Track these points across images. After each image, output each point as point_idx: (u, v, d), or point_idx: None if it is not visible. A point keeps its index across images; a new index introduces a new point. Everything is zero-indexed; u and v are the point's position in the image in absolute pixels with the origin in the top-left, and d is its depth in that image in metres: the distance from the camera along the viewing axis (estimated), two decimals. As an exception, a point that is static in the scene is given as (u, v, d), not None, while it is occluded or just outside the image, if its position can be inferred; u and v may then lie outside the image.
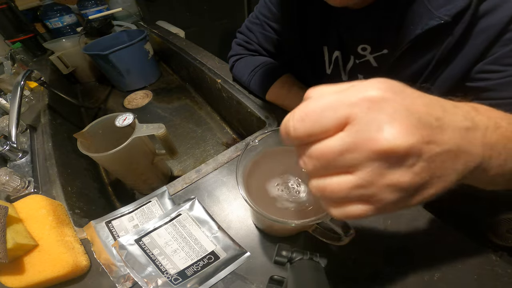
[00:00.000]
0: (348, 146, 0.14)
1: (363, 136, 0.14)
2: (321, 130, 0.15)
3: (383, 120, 0.13)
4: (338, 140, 0.14)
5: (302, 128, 0.15)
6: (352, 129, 0.14)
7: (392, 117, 0.14)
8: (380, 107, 0.14)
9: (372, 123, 0.14)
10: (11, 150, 0.48)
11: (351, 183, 0.15)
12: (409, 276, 0.30)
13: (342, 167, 0.15)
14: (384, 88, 0.14)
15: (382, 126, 0.13)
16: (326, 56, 0.48)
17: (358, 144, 0.14)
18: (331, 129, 0.15)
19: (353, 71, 0.46)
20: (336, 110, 0.14)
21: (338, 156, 0.14)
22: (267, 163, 0.31)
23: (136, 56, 0.87)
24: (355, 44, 0.42)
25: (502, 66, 0.32)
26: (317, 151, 0.15)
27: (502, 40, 0.31)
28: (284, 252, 0.23)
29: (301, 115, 0.15)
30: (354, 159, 0.14)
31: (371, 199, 0.15)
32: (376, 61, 0.41)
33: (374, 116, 0.14)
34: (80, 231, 0.38)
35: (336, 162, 0.15)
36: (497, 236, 0.64)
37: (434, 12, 0.32)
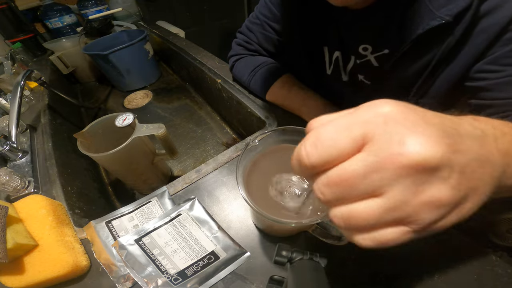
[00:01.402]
0: (370, 166, 0.13)
1: (387, 152, 0.12)
2: (338, 154, 0.13)
3: (404, 133, 0.12)
4: (359, 161, 0.13)
5: (316, 154, 0.14)
6: (372, 147, 0.13)
7: (413, 128, 0.13)
8: (396, 121, 0.13)
9: (393, 137, 0.12)
10: (11, 150, 0.48)
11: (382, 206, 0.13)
12: (409, 276, 0.30)
13: (367, 191, 0.13)
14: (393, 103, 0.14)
15: (405, 139, 0.12)
16: (326, 57, 0.48)
17: (383, 162, 0.12)
18: (348, 152, 0.13)
19: (354, 71, 0.46)
20: (350, 130, 0.13)
21: (362, 179, 0.13)
22: (267, 163, 0.31)
23: (136, 56, 0.87)
24: (356, 44, 0.42)
25: (501, 66, 0.32)
26: (336, 176, 0.14)
27: (502, 40, 0.31)
28: (284, 252, 0.23)
29: (314, 141, 0.14)
30: (380, 180, 0.13)
31: (407, 220, 0.13)
32: (377, 61, 0.41)
33: (393, 130, 0.13)
34: (80, 231, 0.38)
35: (360, 186, 0.13)
36: (497, 236, 0.64)
37: (435, 12, 0.32)
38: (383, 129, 0.13)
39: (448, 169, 0.12)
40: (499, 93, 0.33)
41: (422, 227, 0.13)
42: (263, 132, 0.31)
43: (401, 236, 0.14)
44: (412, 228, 0.13)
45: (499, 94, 0.33)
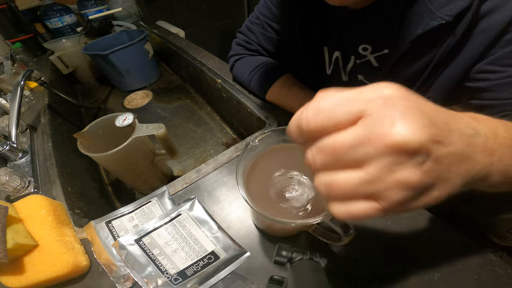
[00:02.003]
0: (360, 139, 0.14)
1: (376, 130, 0.14)
2: (334, 123, 0.15)
3: (396, 116, 0.13)
4: (351, 133, 0.14)
5: (314, 121, 0.15)
6: (365, 122, 0.14)
7: (406, 113, 0.14)
8: (394, 104, 0.14)
9: (386, 118, 0.14)
10: (11, 150, 0.48)
11: (360, 178, 0.14)
12: (409, 276, 0.30)
13: (351, 161, 0.14)
14: (398, 88, 0.15)
15: (395, 121, 0.13)
16: (326, 57, 0.48)
17: (371, 138, 0.14)
18: (344, 123, 0.15)
19: (353, 71, 0.46)
20: (350, 104, 0.15)
21: (349, 150, 0.14)
22: (267, 163, 0.31)
23: (136, 56, 0.87)
24: (356, 44, 0.42)
25: (502, 66, 0.32)
26: (328, 144, 0.15)
27: (503, 41, 0.31)
28: (284, 252, 0.23)
29: (315, 108, 0.15)
30: (365, 153, 0.14)
31: (377, 196, 0.14)
32: (377, 61, 0.41)
33: (388, 112, 0.14)
34: (80, 231, 0.38)
35: (346, 156, 0.14)
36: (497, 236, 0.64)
37: (435, 12, 0.32)
38: (380, 109, 0.14)
39: (424, 155, 0.13)
40: (500, 93, 0.33)
41: (390, 205, 0.14)
42: (263, 132, 0.31)
43: (371, 211, 0.15)
44: (381, 205, 0.15)
45: (500, 94, 0.33)
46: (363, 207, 0.15)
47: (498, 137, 0.18)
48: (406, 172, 0.14)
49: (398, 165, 0.14)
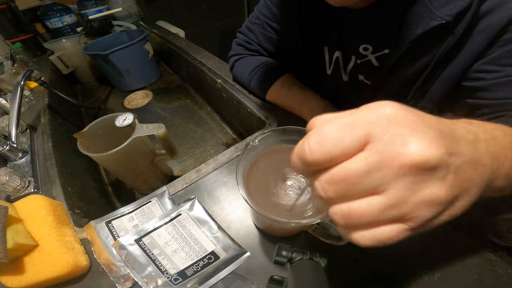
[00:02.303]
0: (373, 165, 0.13)
1: (389, 152, 0.13)
2: (341, 152, 0.14)
3: (406, 134, 0.13)
4: (362, 160, 0.14)
5: (319, 151, 0.14)
6: (375, 147, 0.13)
7: (415, 130, 0.13)
8: (399, 123, 0.13)
9: (396, 138, 0.13)
10: (11, 150, 0.48)
11: (382, 204, 0.13)
12: (409, 276, 0.30)
13: (368, 189, 0.14)
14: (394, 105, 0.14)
15: (407, 140, 0.13)
16: (326, 57, 0.48)
17: (385, 161, 0.13)
18: (351, 151, 0.14)
19: (354, 71, 0.46)
20: (354, 129, 0.14)
21: (363, 177, 0.13)
22: (267, 163, 0.31)
23: (136, 56, 0.87)
24: (356, 44, 0.42)
25: (499, 66, 0.32)
26: (338, 174, 0.14)
27: (501, 40, 0.31)
28: (284, 252, 0.23)
29: (317, 138, 0.14)
30: (381, 178, 0.13)
31: (405, 218, 0.14)
32: (378, 61, 0.41)
33: (396, 131, 0.13)
34: (80, 231, 0.38)
35: (361, 184, 0.14)
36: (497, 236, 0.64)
37: (435, 12, 0.32)
38: (386, 130, 0.13)
39: (445, 169, 0.13)
40: (497, 93, 0.33)
41: (419, 224, 0.14)
42: (263, 132, 0.31)
43: (399, 233, 0.14)
44: (409, 226, 0.14)
45: (496, 94, 0.33)
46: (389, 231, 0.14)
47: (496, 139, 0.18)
48: (431, 189, 0.13)
49: (421, 183, 0.13)
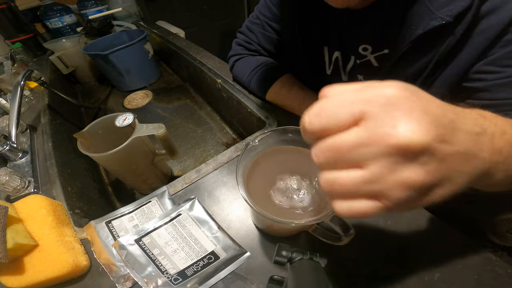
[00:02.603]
0: (362, 140, 0.14)
1: (379, 131, 0.14)
2: (336, 124, 0.15)
3: (399, 117, 0.14)
4: (353, 133, 0.14)
5: (317, 122, 0.16)
6: (367, 123, 0.14)
7: (409, 114, 0.14)
8: (396, 104, 0.14)
9: (389, 119, 0.14)
10: (11, 150, 0.48)
11: (362, 177, 0.14)
12: (409, 276, 0.30)
13: (354, 161, 0.15)
14: (400, 87, 0.15)
15: (398, 122, 0.13)
16: (326, 57, 0.48)
17: (373, 139, 0.14)
18: (346, 124, 0.15)
19: (353, 72, 0.46)
20: (351, 105, 0.15)
21: (352, 150, 0.14)
22: (267, 163, 0.31)
23: (136, 56, 0.87)
24: (356, 45, 0.42)
25: (500, 67, 0.32)
26: (330, 144, 0.15)
27: (502, 41, 0.31)
28: (284, 252, 0.23)
29: (317, 110, 0.16)
30: (367, 153, 0.14)
31: (380, 195, 0.15)
32: (377, 61, 0.41)
33: (390, 112, 0.14)
34: (80, 231, 0.38)
35: (349, 156, 0.15)
36: (497, 236, 0.64)
37: (436, 13, 0.32)
38: (382, 110, 0.14)
39: (428, 155, 0.14)
40: (497, 94, 0.33)
41: (393, 203, 0.15)
42: (263, 132, 0.31)
43: (373, 209, 0.15)
44: (383, 204, 0.15)
45: (497, 95, 0.33)
46: (365, 205, 0.15)
47: (505, 134, 0.18)
48: (409, 172, 0.14)
49: (401, 165, 0.14)
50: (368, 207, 0.15)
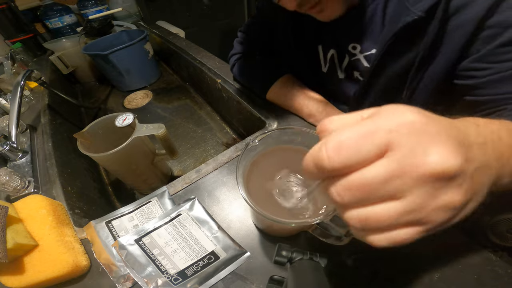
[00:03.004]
0: (393, 173, 0.13)
1: (410, 161, 0.13)
2: (361, 159, 0.14)
3: (427, 143, 0.13)
4: (382, 167, 0.14)
5: (338, 158, 0.14)
6: (395, 155, 0.14)
7: (435, 139, 0.13)
8: (419, 131, 0.14)
9: (417, 146, 0.13)
10: (11, 150, 0.48)
11: (401, 209, 0.14)
12: (409, 276, 0.30)
13: (386, 195, 0.14)
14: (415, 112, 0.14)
15: (428, 150, 0.13)
16: (321, 55, 0.50)
17: (405, 170, 0.13)
18: (371, 158, 0.14)
19: (349, 69, 0.47)
20: (374, 137, 0.14)
21: (382, 184, 0.14)
22: (267, 163, 0.31)
23: (136, 56, 0.87)
24: (346, 43, 0.44)
25: (487, 63, 0.33)
26: (357, 181, 0.14)
27: (482, 38, 0.32)
28: (284, 252, 0.23)
29: (336, 145, 0.14)
30: (401, 185, 0.14)
31: (421, 221, 0.14)
32: (366, 60, 0.43)
33: (417, 140, 0.13)
34: (80, 231, 0.38)
35: (380, 191, 0.14)
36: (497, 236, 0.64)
37: (411, 9, 0.33)
38: (407, 139, 0.14)
39: (462, 177, 0.14)
40: (491, 90, 0.34)
41: (434, 226, 0.15)
42: (263, 132, 0.31)
43: (415, 235, 0.15)
44: (424, 228, 0.15)
45: (491, 91, 0.34)
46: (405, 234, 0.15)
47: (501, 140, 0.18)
48: (449, 195, 0.14)
49: (439, 190, 0.14)
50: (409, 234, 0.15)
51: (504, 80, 0.32)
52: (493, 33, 0.31)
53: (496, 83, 0.33)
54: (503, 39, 0.31)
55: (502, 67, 0.32)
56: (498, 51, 0.32)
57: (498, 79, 0.33)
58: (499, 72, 0.32)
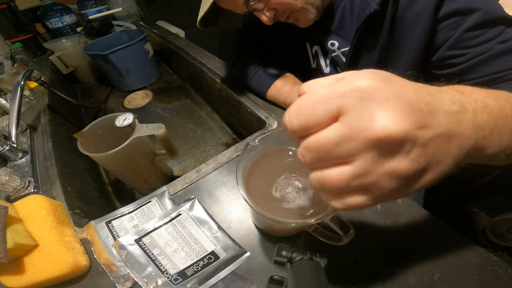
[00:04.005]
0: (343, 136, 0.14)
1: (357, 125, 0.14)
2: (315, 122, 0.15)
3: (375, 108, 0.13)
4: (333, 130, 0.14)
5: (296, 122, 0.15)
6: (345, 119, 0.14)
7: (384, 104, 0.13)
8: (370, 96, 0.14)
9: (365, 112, 0.14)
10: (11, 150, 0.48)
11: (349, 173, 0.14)
12: (409, 276, 0.30)
13: (339, 157, 0.15)
14: (372, 77, 0.15)
15: (375, 114, 0.13)
16: (309, 52, 0.53)
17: (353, 134, 0.14)
18: (325, 121, 0.15)
19: (332, 64, 0.51)
20: (328, 102, 0.15)
21: (334, 147, 0.14)
22: (267, 163, 0.31)
23: (136, 56, 0.87)
24: (326, 40, 0.48)
25: (463, 49, 0.35)
26: (313, 142, 0.15)
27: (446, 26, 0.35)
28: (284, 252, 0.23)
29: (295, 109, 0.16)
30: (350, 149, 0.14)
31: (370, 188, 0.15)
32: (344, 56, 0.47)
33: (366, 105, 0.14)
34: (80, 231, 0.38)
35: (333, 153, 0.15)
36: (497, 236, 0.64)
37: (370, 3, 0.37)
38: (357, 104, 0.14)
39: (410, 143, 0.13)
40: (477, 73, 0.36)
41: (383, 194, 0.15)
42: (263, 132, 0.31)
43: (366, 201, 0.15)
44: (374, 195, 0.15)
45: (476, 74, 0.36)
46: (358, 200, 0.15)
47: (487, 107, 0.18)
48: (394, 162, 0.14)
49: (385, 156, 0.14)
50: (360, 200, 0.15)
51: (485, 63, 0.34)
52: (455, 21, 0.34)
53: (478, 67, 0.35)
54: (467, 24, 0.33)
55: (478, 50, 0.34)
56: (467, 36, 0.34)
57: (478, 62, 0.35)
58: (478, 56, 0.34)
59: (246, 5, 0.41)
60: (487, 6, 0.33)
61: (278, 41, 0.57)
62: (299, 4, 0.40)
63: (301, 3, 0.40)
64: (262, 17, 0.42)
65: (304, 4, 0.41)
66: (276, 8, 0.41)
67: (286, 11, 0.42)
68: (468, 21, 0.33)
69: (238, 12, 0.46)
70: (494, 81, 0.35)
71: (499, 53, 0.34)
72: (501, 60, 0.34)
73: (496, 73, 0.34)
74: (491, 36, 0.34)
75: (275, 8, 0.41)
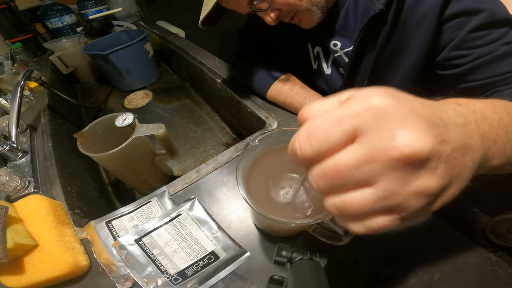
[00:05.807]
0: (363, 158, 0.13)
1: (378, 145, 0.13)
2: (329, 147, 0.14)
3: (395, 127, 0.13)
4: (351, 153, 0.14)
5: (309, 147, 0.14)
6: (363, 140, 0.13)
7: (403, 122, 0.13)
8: (387, 114, 0.13)
9: (384, 131, 0.13)
10: (11, 150, 0.48)
11: (373, 196, 0.14)
12: (409, 276, 0.30)
13: (359, 181, 0.14)
14: (384, 95, 0.14)
15: (395, 133, 0.13)
16: (311, 53, 0.53)
17: (374, 155, 0.13)
18: (340, 144, 0.14)
19: (334, 65, 0.50)
20: (341, 123, 0.14)
21: (354, 170, 0.13)
22: (267, 163, 0.31)
23: (136, 56, 0.87)
24: (328, 41, 0.47)
25: (467, 50, 0.35)
26: (329, 168, 0.14)
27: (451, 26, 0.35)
28: (284, 252, 0.23)
29: (306, 134, 0.15)
30: (372, 171, 0.13)
31: (395, 209, 0.14)
32: (347, 57, 0.46)
33: (384, 124, 0.13)
34: (80, 231, 0.38)
35: (353, 177, 0.14)
36: (497, 236, 0.64)
37: (375, 3, 0.36)
38: (373, 122, 0.13)
39: (436, 159, 0.13)
40: (478, 75, 0.35)
41: (410, 213, 0.14)
42: (263, 132, 0.31)
43: (391, 223, 0.14)
44: (400, 216, 0.14)
45: (478, 76, 0.35)
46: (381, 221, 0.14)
47: (486, 119, 0.18)
48: (422, 180, 0.13)
49: (411, 175, 0.13)
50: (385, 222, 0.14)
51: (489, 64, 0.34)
52: (460, 21, 0.34)
53: (482, 68, 0.34)
54: (472, 24, 0.33)
55: (483, 51, 0.34)
56: (471, 37, 0.34)
57: (482, 63, 0.34)
58: (482, 57, 0.34)
59: (250, 5, 0.41)
60: (493, 7, 0.33)
61: (279, 41, 0.57)
62: (304, 5, 0.40)
63: (306, 4, 0.40)
64: (266, 17, 0.42)
65: (309, 5, 0.40)
66: (280, 8, 0.41)
67: (290, 12, 0.42)
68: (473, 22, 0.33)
69: (241, 12, 0.45)
70: (497, 83, 0.34)
71: (503, 55, 0.33)
72: (505, 61, 0.34)
73: (500, 75, 0.34)
74: (495, 37, 0.33)
75: (279, 8, 0.41)
